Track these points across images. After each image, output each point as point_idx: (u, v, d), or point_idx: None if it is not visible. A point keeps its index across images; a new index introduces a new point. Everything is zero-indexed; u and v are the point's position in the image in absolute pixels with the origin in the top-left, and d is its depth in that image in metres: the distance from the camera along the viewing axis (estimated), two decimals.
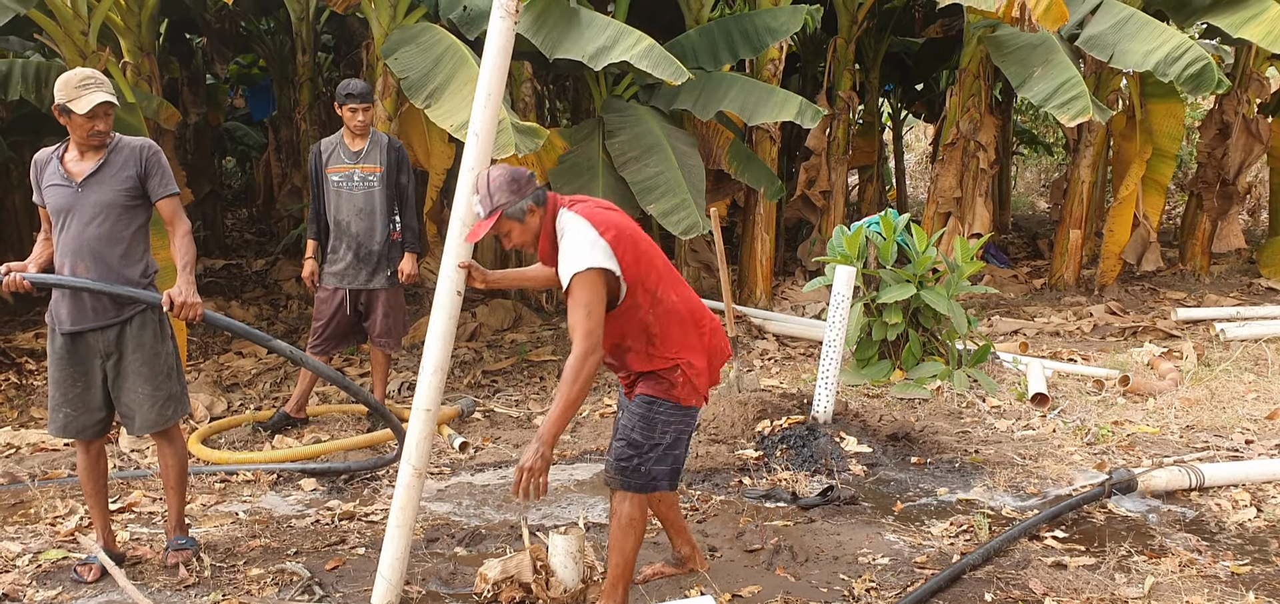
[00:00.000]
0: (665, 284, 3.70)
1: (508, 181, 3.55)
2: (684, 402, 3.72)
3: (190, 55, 12.92)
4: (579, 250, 3.48)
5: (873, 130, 13.87)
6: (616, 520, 3.75)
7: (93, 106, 4.04)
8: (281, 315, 9.99)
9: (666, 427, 3.72)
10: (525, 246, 3.67)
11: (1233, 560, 4.35)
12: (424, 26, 8.22)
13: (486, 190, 3.56)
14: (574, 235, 3.53)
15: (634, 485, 3.73)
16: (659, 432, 3.72)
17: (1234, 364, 7.53)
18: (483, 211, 3.56)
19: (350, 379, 6.45)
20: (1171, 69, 8.31)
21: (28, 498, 5.26)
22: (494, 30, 3.56)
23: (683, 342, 3.71)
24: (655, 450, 3.72)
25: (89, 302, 4.15)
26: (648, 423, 3.71)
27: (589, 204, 3.66)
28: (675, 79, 7.55)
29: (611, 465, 3.77)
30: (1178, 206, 15.31)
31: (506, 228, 3.60)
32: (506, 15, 3.56)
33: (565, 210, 3.63)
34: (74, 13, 7.81)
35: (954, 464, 5.67)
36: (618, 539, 3.74)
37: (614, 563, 3.76)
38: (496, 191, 3.54)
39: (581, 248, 3.48)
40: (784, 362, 8.30)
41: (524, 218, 3.59)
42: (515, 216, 3.57)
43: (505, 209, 3.54)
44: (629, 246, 3.57)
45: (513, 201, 3.55)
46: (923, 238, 7.02)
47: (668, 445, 3.75)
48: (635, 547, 3.77)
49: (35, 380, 7.65)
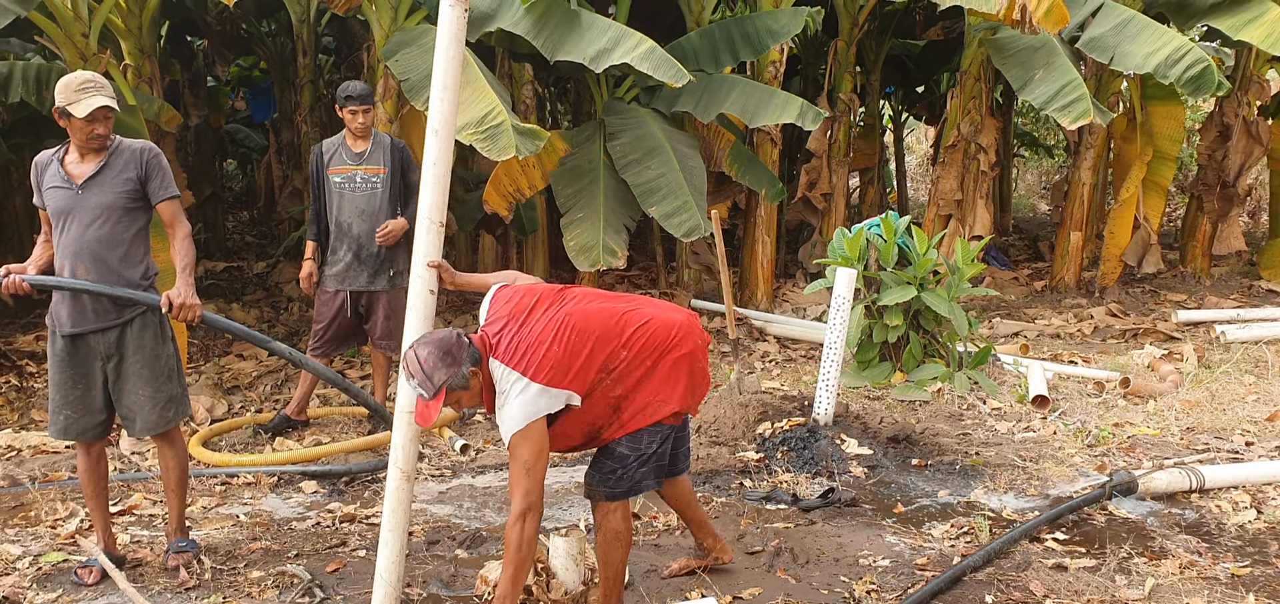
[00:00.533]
0: (618, 345, 3.58)
1: (441, 357, 3.38)
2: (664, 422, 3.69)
3: (191, 57, 12.93)
4: (515, 411, 3.41)
5: (874, 133, 13.88)
6: (603, 534, 3.69)
7: (92, 110, 4.05)
8: (282, 318, 9.99)
9: (652, 438, 3.68)
10: (477, 407, 3.58)
11: (1233, 562, 4.35)
12: (425, 28, 8.23)
13: (421, 371, 3.37)
14: (509, 395, 3.43)
15: (619, 493, 3.68)
16: (645, 442, 3.67)
17: (1234, 366, 7.53)
18: (426, 394, 3.37)
19: (350, 381, 6.45)
20: (1172, 71, 8.31)
21: (28, 500, 5.26)
22: (444, 20, 3.51)
23: (652, 392, 3.63)
24: (639, 460, 3.68)
25: (89, 304, 4.15)
26: (632, 435, 3.65)
27: (510, 333, 3.51)
28: (676, 81, 7.56)
29: (595, 478, 3.71)
30: (1178, 209, 15.31)
31: (455, 399, 3.46)
32: (456, 4, 3.53)
33: (495, 363, 3.48)
34: (75, 15, 7.81)
35: (955, 466, 5.67)
36: (606, 552, 3.70)
37: (605, 576, 3.73)
38: (434, 371, 3.36)
39: (517, 407, 3.41)
40: (785, 364, 8.30)
41: (468, 383, 3.43)
42: (460, 386, 3.41)
43: (449, 384, 3.38)
44: (569, 359, 3.46)
45: (453, 374, 3.38)
46: (923, 240, 7.02)
47: (654, 453, 3.71)
48: (624, 557, 3.73)
49: (36, 383, 7.65)
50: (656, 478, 3.81)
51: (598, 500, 3.71)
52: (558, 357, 3.46)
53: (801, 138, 12.33)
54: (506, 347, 3.48)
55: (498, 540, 4.74)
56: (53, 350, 4.25)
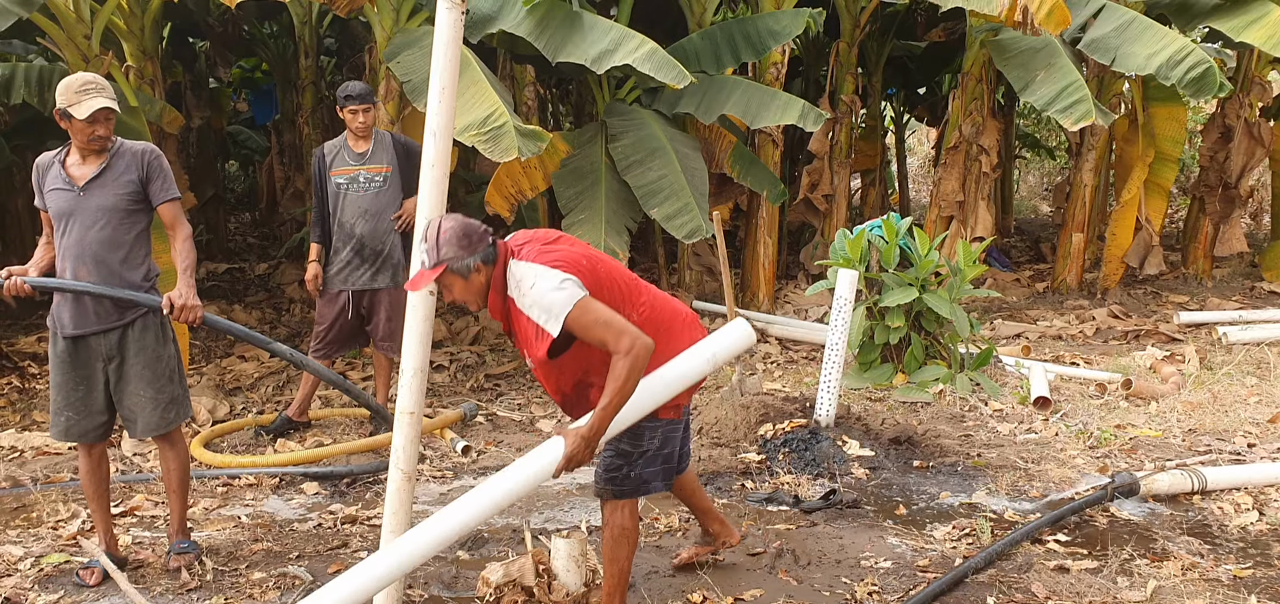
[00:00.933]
0: (629, 304, 3.58)
1: (459, 236, 3.38)
2: (661, 417, 3.66)
3: (193, 59, 12.94)
4: (555, 296, 3.33)
5: (875, 134, 13.87)
6: (609, 531, 3.70)
7: (93, 112, 4.05)
8: (283, 319, 9.99)
9: (653, 434, 3.68)
10: (466, 303, 3.50)
11: (1235, 564, 4.35)
12: (427, 30, 8.23)
13: (435, 241, 3.38)
14: (539, 286, 3.37)
15: (626, 492, 3.69)
16: (645, 439, 3.66)
17: (1236, 367, 7.53)
18: (427, 262, 3.39)
19: (351, 382, 6.45)
20: (1173, 73, 8.31)
21: (30, 501, 5.26)
22: (442, 22, 3.51)
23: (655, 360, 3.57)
24: (644, 457, 3.68)
25: (91, 305, 4.15)
26: (633, 432, 3.63)
27: (535, 246, 3.51)
28: (678, 82, 7.56)
29: (601, 477, 3.71)
30: (1180, 210, 15.30)
31: (448, 282, 3.43)
32: (453, 7, 3.53)
33: (515, 262, 3.47)
34: (77, 16, 7.82)
35: (956, 468, 5.67)
36: (611, 550, 3.71)
37: (610, 574, 3.73)
38: (444, 244, 3.36)
39: (556, 292, 3.33)
40: (786, 365, 8.30)
41: (468, 275, 3.40)
42: (459, 272, 3.39)
43: (450, 263, 3.37)
44: (588, 277, 3.44)
45: (459, 257, 3.37)
46: (925, 241, 7.02)
47: (656, 449, 3.71)
48: (630, 556, 3.74)
49: (37, 384, 7.65)
50: (665, 480, 3.81)
51: (605, 499, 3.72)
52: (583, 268, 3.45)
53: (803, 139, 12.33)
54: (531, 254, 3.48)
55: (499, 542, 4.74)
56: (54, 352, 4.26)
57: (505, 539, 4.77)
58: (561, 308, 3.31)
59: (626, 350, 3.29)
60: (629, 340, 3.30)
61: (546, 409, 7.10)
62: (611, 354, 3.32)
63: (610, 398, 3.32)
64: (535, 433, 6.66)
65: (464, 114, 7.14)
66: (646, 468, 3.69)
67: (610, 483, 3.68)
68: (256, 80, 15.11)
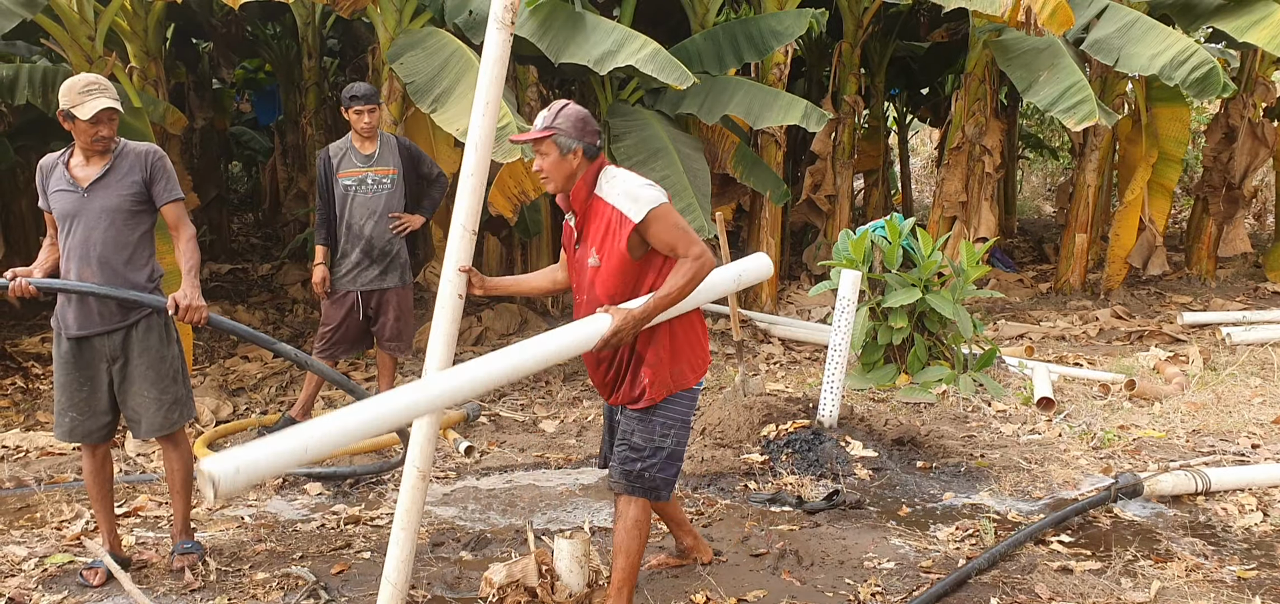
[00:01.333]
0: None
1: (578, 119, 3.64)
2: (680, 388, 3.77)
3: (196, 60, 12.95)
4: (645, 187, 3.59)
5: (878, 135, 13.87)
6: (623, 522, 3.77)
7: (96, 112, 4.05)
8: (287, 320, 10.00)
9: (666, 429, 3.76)
10: (551, 179, 3.68)
11: (1239, 565, 4.34)
12: (430, 31, 8.24)
13: (554, 108, 3.66)
14: (632, 181, 3.63)
15: (639, 491, 3.76)
16: (659, 434, 3.75)
17: (1240, 368, 7.52)
18: (541, 122, 3.65)
19: (356, 383, 6.46)
20: (1177, 73, 8.31)
21: (34, 502, 5.27)
22: (491, 41, 3.56)
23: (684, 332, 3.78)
24: (657, 455, 3.75)
25: (95, 306, 4.16)
26: (646, 426, 3.74)
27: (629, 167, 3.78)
28: (680, 83, 7.56)
29: (617, 471, 3.79)
30: (1183, 211, 15.29)
31: (547, 150, 3.65)
32: (503, 27, 3.56)
33: (609, 166, 3.73)
34: (81, 18, 7.83)
35: (959, 468, 5.67)
36: (624, 541, 3.76)
37: (620, 565, 3.77)
38: (562, 118, 3.63)
39: (647, 188, 3.59)
40: (789, 366, 8.30)
41: (566, 153, 3.64)
42: (560, 146, 3.63)
43: (557, 133, 3.61)
44: None
45: (569, 135, 3.62)
46: (928, 242, 7.02)
47: (672, 450, 3.78)
48: (642, 548, 3.79)
49: (41, 384, 7.66)
50: (669, 490, 3.86)
51: (620, 493, 3.80)
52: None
53: (806, 140, 12.33)
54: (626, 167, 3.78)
55: (502, 543, 4.74)
56: (58, 353, 4.26)
57: (508, 540, 4.78)
58: (648, 200, 3.55)
59: (696, 256, 3.53)
60: (699, 248, 3.55)
61: (549, 410, 7.10)
62: (679, 257, 3.54)
63: (669, 290, 3.53)
64: (538, 434, 6.66)
65: (466, 115, 7.10)
66: (660, 472, 3.77)
67: (624, 478, 3.76)
68: (259, 81, 15.12)
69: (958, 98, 10.60)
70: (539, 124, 3.65)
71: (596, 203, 3.67)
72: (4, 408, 7.11)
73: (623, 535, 3.77)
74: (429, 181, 6.60)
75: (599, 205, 3.66)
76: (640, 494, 3.76)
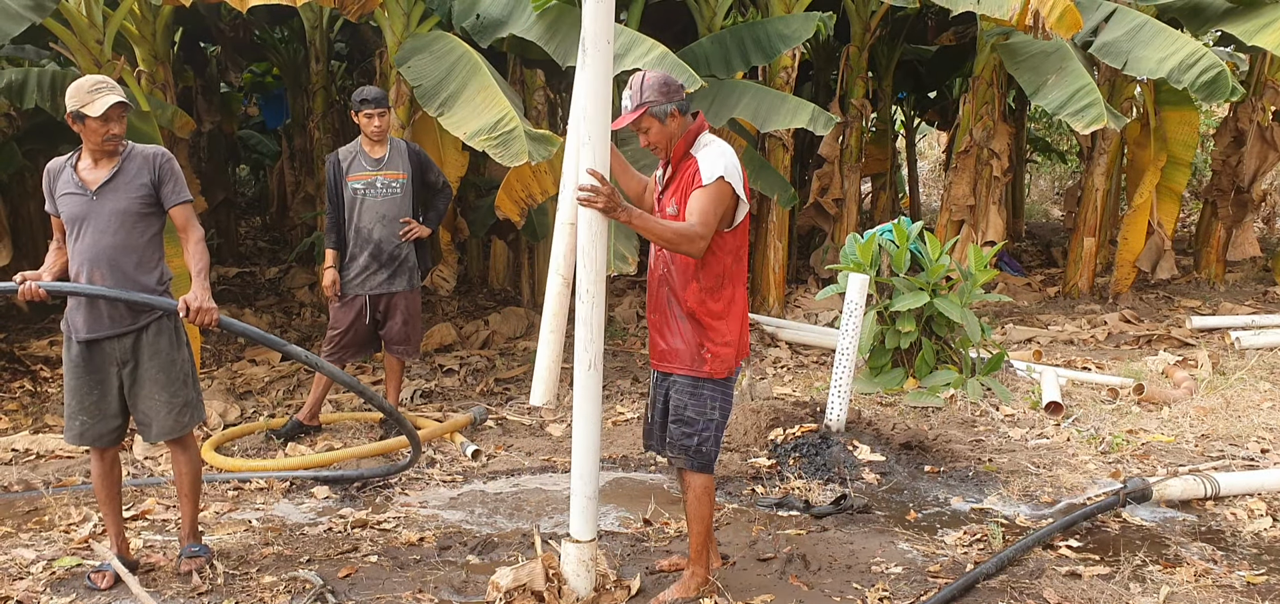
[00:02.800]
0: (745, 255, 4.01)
1: (660, 83, 3.83)
2: (716, 376, 3.95)
3: (204, 63, 12.97)
4: (722, 161, 3.76)
5: (886, 138, 13.85)
6: (692, 493, 4.04)
7: (107, 108, 4.06)
8: (294, 323, 10.01)
9: (713, 402, 3.98)
10: (659, 148, 3.89)
11: (1248, 570, 4.33)
12: (437, 35, 8.25)
13: (639, 85, 3.83)
14: (720, 151, 3.81)
15: (699, 465, 4.01)
16: (708, 407, 3.97)
17: (1249, 373, 7.49)
18: (628, 104, 3.84)
19: (366, 385, 6.46)
20: (1186, 76, 8.28)
21: (42, 505, 5.28)
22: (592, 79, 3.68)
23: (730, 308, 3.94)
24: (709, 427, 3.99)
25: (105, 309, 4.16)
26: (697, 400, 3.96)
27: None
28: (688, 86, 7.55)
29: (676, 448, 4.02)
30: (1192, 214, 15.24)
31: (647, 124, 3.85)
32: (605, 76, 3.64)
33: (709, 132, 3.95)
34: (89, 22, 7.86)
35: (967, 473, 5.65)
36: (697, 509, 4.04)
37: (696, 531, 4.07)
38: (647, 90, 3.81)
39: (726, 161, 3.77)
40: (797, 370, 8.29)
41: (665, 119, 3.84)
42: (658, 116, 3.83)
43: (650, 107, 3.81)
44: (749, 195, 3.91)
45: (659, 102, 3.81)
46: (936, 246, 7.01)
47: (719, 421, 4.02)
48: (712, 512, 4.11)
49: (49, 388, 7.68)
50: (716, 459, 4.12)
51: (683, 468, 4.06)
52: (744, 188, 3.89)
53: (813, 143, 12.31)
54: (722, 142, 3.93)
55: (509, 547, 4.74)
56: (68, 356, 4.27)
57: (515, 544, 4.77)
58: (715, 171, 3.75)
59: (689, 235, 3.71)
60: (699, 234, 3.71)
61: (556, 414, 7.09)
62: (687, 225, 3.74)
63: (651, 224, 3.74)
64: (545, 437, 6.66)
65: (473, 119, 7.15)
66: (712, 444, 4.02)
67: (683, 453, 4.01)
68: (267, 85, 15.14)
69: (965, 101, 10.59)
70: (628, 104, 3.84)
71: (689, 161, 3.88)
72: (12, 411, 7.13)
73: (694, 504, 4.04)
74: (434, 191, 6.61)
75: (689, 163, 3.87)
76: (701, 468, 4.01)
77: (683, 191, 3.86)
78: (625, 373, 8.19)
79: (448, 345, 8.97)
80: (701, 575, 4.13)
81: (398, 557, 4.62)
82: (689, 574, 4.14)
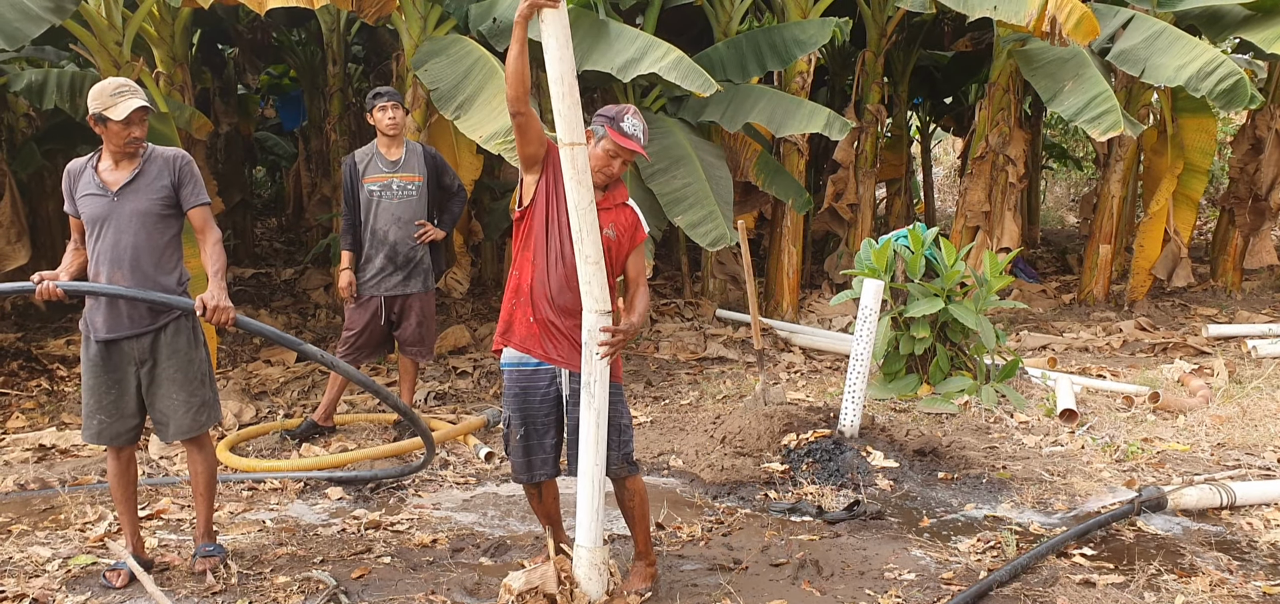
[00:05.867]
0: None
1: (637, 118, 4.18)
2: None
3: (222, 65, 13.05)
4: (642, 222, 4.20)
5: (901, 144, 13.83)
6: (638, 499, 4.21)
7: (130, 112, 4.08)
8: (309, 324, 10.05)
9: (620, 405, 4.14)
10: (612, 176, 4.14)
11: (1265, 580, 4.30)
12: (454, 38, 8.27)
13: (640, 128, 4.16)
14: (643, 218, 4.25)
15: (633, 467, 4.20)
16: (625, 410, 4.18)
17: (1266, 381, 7.45)
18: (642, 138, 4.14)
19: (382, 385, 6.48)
20: (1204, 84, 8.24)
21: (58, 503, 5.31)
22: None
23: None
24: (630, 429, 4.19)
25: (124, 309, 4.19)
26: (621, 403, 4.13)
27: None
28: (703, 91, 7.56)
29: (617, 458, 4.10)
30: (1209, 222, 15.17)
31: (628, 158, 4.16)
32: None
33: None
34: (109, 23, 7.91)
35: (981, 480, 5.64)
36: (642, 512, 4.23)
37: (643, 532, 4.26)
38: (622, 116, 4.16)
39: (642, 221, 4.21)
40: (810, 375, 8.28)
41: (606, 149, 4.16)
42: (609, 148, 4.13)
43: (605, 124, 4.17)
44: None
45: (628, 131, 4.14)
46: (951, 252, 6.99)
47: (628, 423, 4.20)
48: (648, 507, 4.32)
49: (66, 387, 7.73)
50: None
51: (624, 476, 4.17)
52: None
53: (828, 148, 12.31)
54: None
55: (521, 549, 4.75)
56: (86, 356, 4.29)
57: (528, 546, 4.78)
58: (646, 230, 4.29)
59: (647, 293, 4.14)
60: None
61: None
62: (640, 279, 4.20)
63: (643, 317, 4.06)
64: None
65: (489, 122, 7.17)
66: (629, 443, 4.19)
67: (625, 462, 4.16)
68: (284, 87, 15.22)
69: (981, 107, 10.56)
70: (641, 139, 4.11)
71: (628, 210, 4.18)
72: (29, 409, 7.18)
73: (640, 505, 4.23)
74: (449, 195, 6.63)
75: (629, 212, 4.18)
76: (635, 466, 4.21)
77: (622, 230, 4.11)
78: (638, 377, 8.20)
79: (461, 347, 8.99)
80: None
81: (411, 558, 4.64)
82: None
